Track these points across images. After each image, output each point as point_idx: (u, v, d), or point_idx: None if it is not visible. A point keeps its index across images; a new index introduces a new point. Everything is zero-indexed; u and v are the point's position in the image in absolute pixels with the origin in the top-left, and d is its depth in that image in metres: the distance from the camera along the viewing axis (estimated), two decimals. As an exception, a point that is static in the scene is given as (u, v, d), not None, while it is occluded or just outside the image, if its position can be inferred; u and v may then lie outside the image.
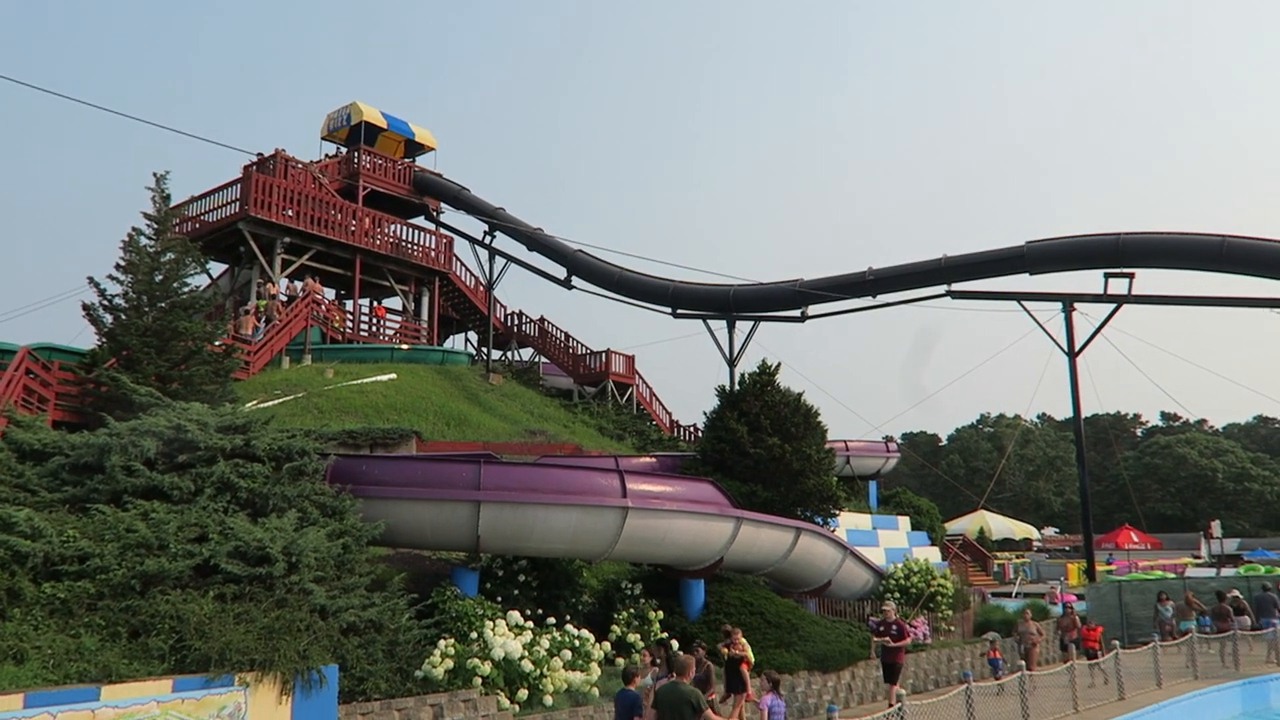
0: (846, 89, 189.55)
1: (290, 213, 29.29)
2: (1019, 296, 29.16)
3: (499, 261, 34.42)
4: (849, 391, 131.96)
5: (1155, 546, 47.54)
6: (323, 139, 36.93)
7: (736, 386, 23.22)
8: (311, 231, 29.61)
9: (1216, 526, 40.62)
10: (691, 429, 35.34)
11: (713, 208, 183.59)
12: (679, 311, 33.28)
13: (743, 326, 32.71)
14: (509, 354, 37.87)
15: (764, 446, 20.58)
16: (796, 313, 31.99)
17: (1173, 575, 30.95)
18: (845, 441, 32.22)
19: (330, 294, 32.31)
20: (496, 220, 34.42)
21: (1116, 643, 17.90)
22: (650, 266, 37.00)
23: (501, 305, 36.98)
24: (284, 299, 29.07)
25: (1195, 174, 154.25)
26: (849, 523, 26.10)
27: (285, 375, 24.99)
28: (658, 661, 12.20)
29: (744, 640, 13.67)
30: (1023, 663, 15.87)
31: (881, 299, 30.97)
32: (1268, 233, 26.02)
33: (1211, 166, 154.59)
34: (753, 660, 13.78)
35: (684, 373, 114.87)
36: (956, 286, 29.61)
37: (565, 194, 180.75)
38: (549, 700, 12.70)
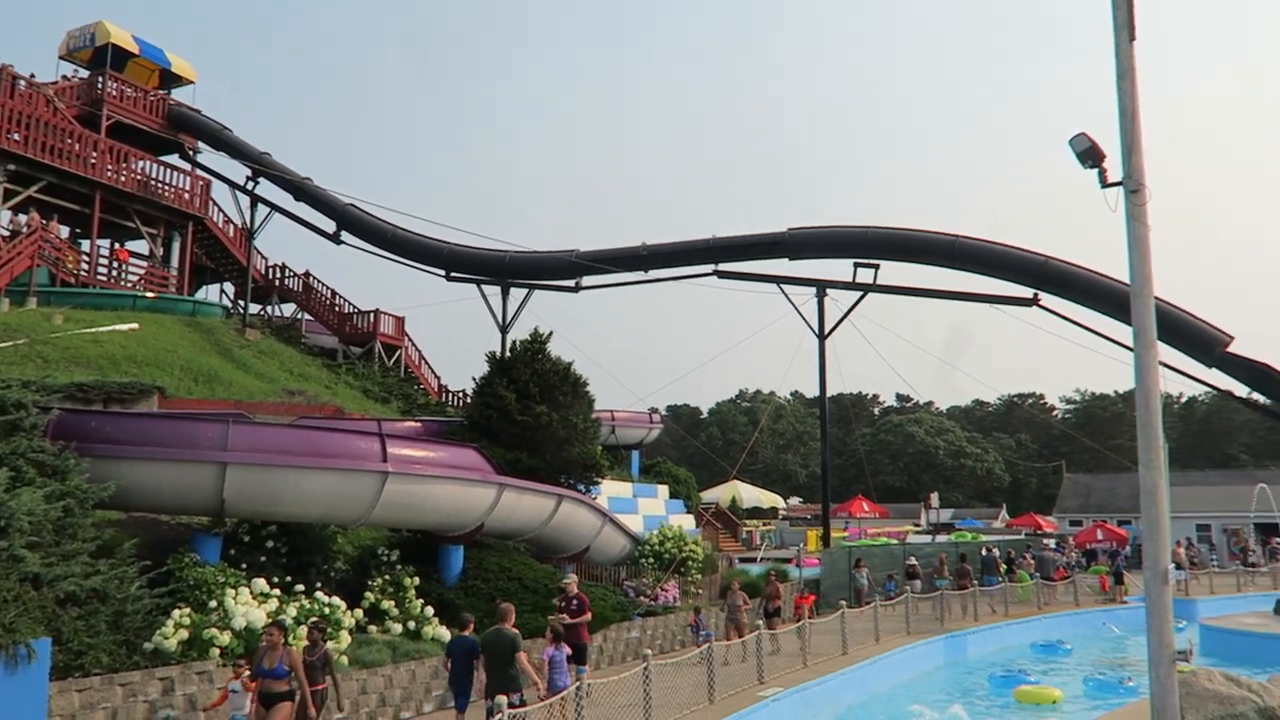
0: (645, 63, 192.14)
1: (16, 137, 26.18)
2: (778, 280, 31.01)
3: (262, 210, 32.51)
4: (618, 363, 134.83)
5: (883, 515, 52.11)
6: (61, 59, 33.15)
7: (508, 353, 23.25)
8: (41, 160, 26.60)
9: (935, 498, 45.27)
10: (461, 394, 34.99)
11: (497, 173, 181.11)
12: (453, 275, 32.85)
13: (517, 294, 32.77)
14: (269, 309, 35.85)
15: (531, 414, 20.78)
16: (571, 283, 32.45)
17: (895, 541, 34.15)
18: (611, 411, 33.05)
19: (64, 232, 29.22)
20: (261, 165, 32.44)
21: (844, 603, 19.63)
22: (427, 228, 36.22)
23: (263, 256, 34.92)
24: (5, 234, 26.01)
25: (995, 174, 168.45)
26: (611, 490, 26.84)
27: (4, 319, 22.43)
28: (284, 643, 11.30)
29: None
30: (762, 623, 17.02)
31: (653, 274, 32.07)
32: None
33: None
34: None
35: (456, 338, 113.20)
36: (723, 266, 31.09)
37: (340, 148, 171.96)
38: (294, 669, 12.30)
